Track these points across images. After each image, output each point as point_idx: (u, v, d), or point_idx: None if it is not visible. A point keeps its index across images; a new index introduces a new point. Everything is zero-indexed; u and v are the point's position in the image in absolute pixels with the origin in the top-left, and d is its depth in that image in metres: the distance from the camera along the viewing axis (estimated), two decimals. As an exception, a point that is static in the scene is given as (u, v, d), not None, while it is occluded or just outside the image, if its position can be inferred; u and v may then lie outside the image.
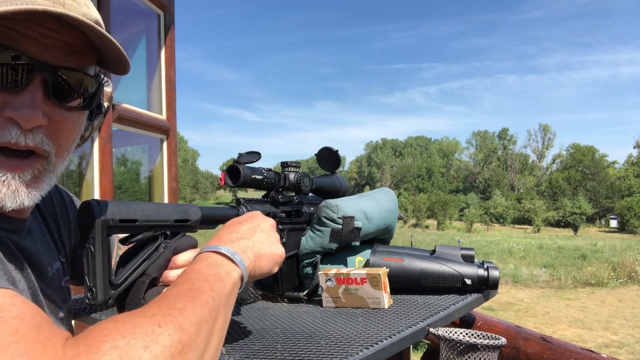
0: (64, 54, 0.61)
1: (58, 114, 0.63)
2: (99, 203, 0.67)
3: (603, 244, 26.89)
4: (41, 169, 0.63)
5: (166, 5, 3.38)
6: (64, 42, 0.61)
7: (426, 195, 56.23)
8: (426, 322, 0.98)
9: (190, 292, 0.56)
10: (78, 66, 0.64)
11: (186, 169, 70.84)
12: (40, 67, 0.58)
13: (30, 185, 0.62)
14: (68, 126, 0.66)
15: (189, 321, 0.51)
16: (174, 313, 0.51)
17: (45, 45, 0.59)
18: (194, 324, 0.52)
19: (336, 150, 1.42)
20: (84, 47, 0.64)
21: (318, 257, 1.27)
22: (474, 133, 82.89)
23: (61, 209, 0.90)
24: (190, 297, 0.55)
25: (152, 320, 0.49)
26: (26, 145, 0.59)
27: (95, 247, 0.65)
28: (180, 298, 0.55)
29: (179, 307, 0.52)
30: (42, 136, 0.61)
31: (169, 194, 3.40)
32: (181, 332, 0.49)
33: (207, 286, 0.58)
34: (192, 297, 0.55)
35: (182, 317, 0.51)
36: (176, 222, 0.78)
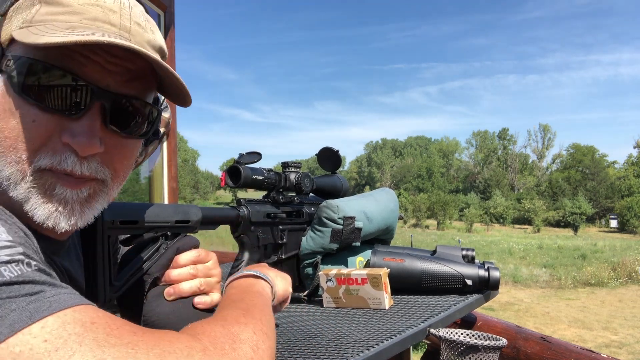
0: (125, 80, 0.60)
1: (115, 141, 0.62)
2: None
3: (603, 244, 26.89)
4: (97, 188, 0.62)
5: (166, 5, 3.38)
6: (127, 68, 0.60)
7: (426, 195, 56.22)
8: (427, 322, 0.98)
9: (256, 305, 0.67)
10: (138, 93, 0.63)
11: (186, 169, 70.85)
12: (100, 94, 0.58)
13: (85, 204, 0.60)
14: (124, 153, 0.64)
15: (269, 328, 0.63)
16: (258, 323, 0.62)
17: (108, 71, 0.58)
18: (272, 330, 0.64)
19: (336, 151, 1.42)
20: (146, 74, 0.63)
21: (319, 257, 1.27)
22: (474, 133, 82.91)
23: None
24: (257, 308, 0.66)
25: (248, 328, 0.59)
26: (82, 174, 0.58)
27: (97, 248, 0.65)
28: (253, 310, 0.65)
29: (258, 318, 0.63)
30: (98, 164, 0.60)
31: (169, 194, 3.40)
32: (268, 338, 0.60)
33: (261, 300, 0.71)
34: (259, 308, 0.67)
35: (265, 326, 0.62)
36: (177, 223, 0.78)
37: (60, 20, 0.56)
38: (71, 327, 0.46)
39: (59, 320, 0.46)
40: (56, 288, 0.49)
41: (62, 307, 0.47)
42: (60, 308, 0.47)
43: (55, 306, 0.47)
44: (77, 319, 0.47)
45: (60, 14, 0.56)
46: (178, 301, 0.74)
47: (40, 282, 0.48)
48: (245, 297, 0.69)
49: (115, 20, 0.59)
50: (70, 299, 0.49)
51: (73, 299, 0.49)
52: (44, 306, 0.46)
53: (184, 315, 0.74)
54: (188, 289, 0.75)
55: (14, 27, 0.57)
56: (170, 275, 0.76)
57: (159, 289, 0.75)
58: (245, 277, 0.77)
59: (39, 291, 0.47)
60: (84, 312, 0.48)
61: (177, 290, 0.75)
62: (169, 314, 0.72)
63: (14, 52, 0.57)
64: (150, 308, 0.73)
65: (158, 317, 0.72)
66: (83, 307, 0.49)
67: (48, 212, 0.57)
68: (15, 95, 0.55)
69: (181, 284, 0.76)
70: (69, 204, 0.58)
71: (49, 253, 0.64)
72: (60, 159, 0.56)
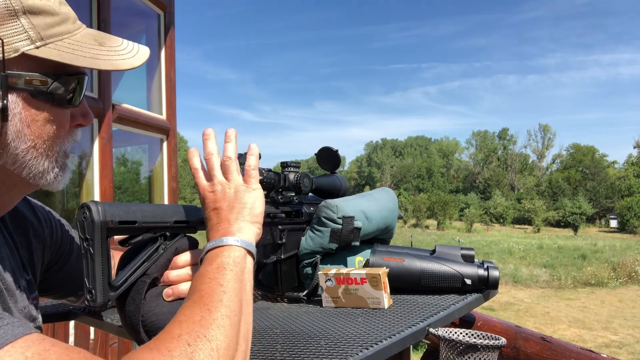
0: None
1: None
2: (98, 205, 0.67)
3: (603, 244, 26.89)
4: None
5: (166, 5, 3.38)
6: None
7: (426, 195, 56.23)
8: (426, 322, 0.98)
9: (202, 298, 0.61)
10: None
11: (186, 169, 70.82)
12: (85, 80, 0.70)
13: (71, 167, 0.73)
14: None
15: (212, 328, 0.57)
16: (196, 327, 0.56)
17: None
18: (218, 327, 0.58)
19: (336, 150, 1.42)
20: None
21: (318, 257, 1.27)
22: (474, 133, 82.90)
23: (34, 224, 0.86)
24: (203, 304, 0.60)
25: (181, 342, 0.54)
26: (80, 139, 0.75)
27: (95, 249, 0.65)
28: (195, 309, 0.60)
29: (198, 320, 0.57)
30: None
31: (169, 194, 3.40)
32: (210, 341, 0.55)
33: (214, 284, 0.64)
34: (205, 303, 0.60)
35: (204, 327, 0.56)
36: (176, 224, 0.78)
37: (65, 32, 0.64)
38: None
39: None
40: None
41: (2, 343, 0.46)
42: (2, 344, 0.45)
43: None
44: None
45: (57, 25, 0.64)
46: (177, 302, 0.74)
47: None
48: (196, 287, 0.64)
49: (71, 10, 0.69)
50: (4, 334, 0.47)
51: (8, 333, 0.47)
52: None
53: (183, 315, 0.74)
54: (187, 290, 0.75)
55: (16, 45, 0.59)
56: (169, 276, 0.76)
57: (157, 289, 0.75)
58: (209, 252, 0.71)
59: None
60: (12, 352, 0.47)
61: (176, 291, 0.75)
62: (168, 314, 0.72)
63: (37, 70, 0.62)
64: (148, 308, 0.73)
65: (157, 317, 0.72)
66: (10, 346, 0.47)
67: (67, 177, 0.72)
68: (54, 106, 0.65)
69: (180, 284, 0.76)
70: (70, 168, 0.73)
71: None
72: (74, 137, 0.72)
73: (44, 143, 0.65)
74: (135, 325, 0.72)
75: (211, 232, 0.75)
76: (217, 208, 0.76)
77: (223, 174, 0.78)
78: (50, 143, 0.66)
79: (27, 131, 0.63)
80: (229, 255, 0.69)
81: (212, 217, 0.76)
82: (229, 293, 0.63)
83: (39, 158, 0.65)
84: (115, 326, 1.05)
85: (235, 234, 0.72)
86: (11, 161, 0.64)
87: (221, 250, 0.70)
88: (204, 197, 0.78)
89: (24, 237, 0.83)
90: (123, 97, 3.09)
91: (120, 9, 3.05)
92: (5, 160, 0.63)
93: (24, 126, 0.62)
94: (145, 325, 0.72)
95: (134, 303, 0.72)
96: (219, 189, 0.77)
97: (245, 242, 0.72)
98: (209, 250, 0.71)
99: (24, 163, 0.64)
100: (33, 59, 0.61)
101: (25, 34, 0.60)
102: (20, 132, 0.62)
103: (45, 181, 0.68)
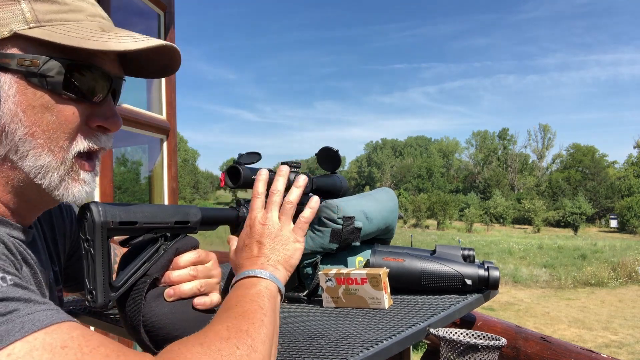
0: (117, 65, 0.70)
1: None
2: (98, 205, 0.67)
3: (603, 244, 26.89)
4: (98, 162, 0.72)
5: (166, 5, 3.39)
6: (116, 54, 0.69)
7: (426, 195, 56.23)
8: (426, 322, 0.98)
9: (246, 314, 0.65)
10: (123, 73, 0.72)
11: (186, 169, 70.87)
12: (113, 81, 0.68)
13: (95, 176, 0.70)
14: None
15: (257, 341, 0.61)
16: (244, 336, 0.60)
17: (112, 59, 0.68)
18: (261, 342, 0.61)
19: (336, 150, 1.42)
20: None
21: (318, 257, 1.27)
22: (474, 133, 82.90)
23: (57, 214, 0.88)
24: (247, 318, 0.64)
25: (230, 343, 0.57)
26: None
27: (95, 249, 0.65)
28: (241, 321, 0.63)
29: (245, 329, 0.61)
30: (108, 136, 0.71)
31: (169, 194, 3.40)
32: (254, 350, 0.59)
33: (255, 305, 0.68)
34: (249, 318, 0.64)
35: (252, 338, 0.60)
36: (176, 224, 0.78)
37: (71, 19, 0.62)
38: (39, 353, 0.45)
39: (27, 345, 0.45)
40: (31, 305, 0.49)
41: (34, 329, 0.46)
42: (33, 330, 0.46)
43: (28, 327, 0.46)
44: (47, 343, 0.46)
45: (64, 12, 0.62)
46: (178, 302, 0.74)
47: (15, 299, 0.48)
48: (239, 303, 0.68)
49: (101, 11, 0.68)
50: (45, 318, 0.48)
51: (48, 318, 0.48)
52: (16, 328, 0.45)
53: (184, 316, 0.74)
54: (188, 290, 0.75)
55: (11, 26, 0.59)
56: (171, 277, 0.76)
57: (158, 289, 0.74)
58: (246, 278, 0.76)
59: (12, 310, 0.46)
60: (57, 333, 0.48)
61: (177, 291, 0.75)
62: (169, 314, 0.72)
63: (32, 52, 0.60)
64: (149, 309, 0.72)
65: (158, 317, 0.72)
66: (57, 326, 0.48)
67: (78, 191, 0.67)
68: (50, 92, 0.61)
69: (181, 285, 0.76)
70: (89, 184, 0.69)
71: (18, 241, 0.67)
72: (94, 140, 0.67)
73: (43, 133, 0.61)
74: (135, 325, 0.72)
75: (248, 261, 0.79)
76: (261, 242, 0.80)
77: (280, 214, 0.83)
78: (51, 135, 0.62)
79: (23, 117, 0.60)
80: (266, 287, 0.73)
81: (254, 248, 0.80)
82: (268, 317, 0.67)
83: (39, 149, 0.61)
84: (116, 326, 1.05)
85: (272, 271, 0.77)
86: (12, 150, 0.61)
87: (258, 280, 0.74)
88: (252, 225, 0.82)
89: (50, 229, 0.85)
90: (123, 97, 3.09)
91: (120, 9, 3.05)
92: (7, 149, 0.61)
93: (18, 110, 0.60)
94: (146, 326, 0.72)
95: (135, 303, 0.72)
96: (270, 226, 0.81)
97: (280, 282, 0.77)
98: (247, 277, 0.75)
99: (23, 153, 0.61)
100: (28, 41, 0.60)
101: (22, 17, 0.59)
102: (15, 115, 0.60)
103: (48, 182, 0.63)
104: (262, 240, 0.80)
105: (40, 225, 0.82)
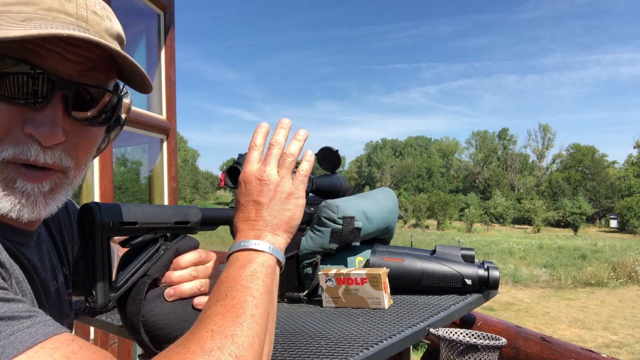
0: (86, 70, 0.61)
1: (78, 130, 0.63)
2: (99, 206, 0.67)
3: (603, 244, 26.88)
4: (58, 181, 0.63)
5: (166, 5, 3.39)
6: (87, 57, 0.60)
7: (426, 195, 56.21)
8: (426, 322, 0.98)
9: (234, 308, 0.58)
10: (99, 82, 0.63)
11: (186, 169, 70.85)
12: (61, 84, 0.58)
13: (48, 196, 0.62)
14: (87, 141, 0.65)
15: (243, 348, 0.54)
16: (228, 343, 0.54)
17: (68, 60, 0.59)
18: (250, 347, 0.55)
19: (336, 150, 1.42)
20: (106, 62, 0.63)
21: (318, 257, 1.27)
22: (474, 133, 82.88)
23: (65, 219, 0.88)
24: (235, 316, 0.57)
25: (212, 357, 0.52)
26: (44, 162, 0.59)
27: (96, 250, 0.65)
28: (227, 321, 0.57)
29: (230, 334, 0.55)
30: (61, 152, 0.61)
31: (169, 194, 3.40)
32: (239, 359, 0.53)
33: (247, 294, 0.60)
34: (237, 315, 0.57)
35: (236, 346, 0.54)
36: (176, 224, 0.78)
37: (14, 11, 0.56)
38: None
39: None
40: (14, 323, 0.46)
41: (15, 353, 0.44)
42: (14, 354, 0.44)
43: (9, 352, 0.44)
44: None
45: (14, 4, 0.56)
46: (178, 302, 0.75)
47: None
48: (229, 293, 0.61)
49: (71, 9, 0.60)
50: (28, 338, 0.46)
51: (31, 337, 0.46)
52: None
53: (184, 315, 0.74)
54: (189, 290, 0.75)
55: None
56: (171, 277, 0.76)
57: (158, 290, 0.75)
58: (242, 251, 0.67)
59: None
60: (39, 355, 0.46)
61: (177, 291, 0.75)
62: (169, 315, 0.73)
63: None
64: (149, 309, 0.73)
65: (158, 317, 0.72)
66: (40, 346, 0.46)
67: (11, 204, 0.58)
68: None
69: (181, 284, 0.76)
70: (31, 197, 0.59)
71: (15, 244, 0.65)
72: (23, 149, 0.57)
73: None
74: (135, 325, 0.72)
75: (245, 224, 0.70)
76: (259, 202, 0.70)
77: (279, 168, 0.73)
78: None
79: None
80: (263, 263, 0.65)
81: (250, 209, 0.70)
82: (260, 308, 0.60)
83: None
84: (116, 326, 1.05)
85: (271, 241, 0.68)
86: None
87: (254, 255, 0.66)
88: (249, 181, 0.71)
89: (59, 233, 0.84)
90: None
91: (120, 9, 3.05)
92: None
93: None
94: (146, 326, 0.72)
95: (135, 304, 0.72)
96: (269, 182, 0.71)
97: (278, 252, 0.68)
98: (241, 250, 0.67)
99: None
100: None
101: None
102: None
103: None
104: (260, 199, 0.70)
105: (49, 228, 0.81)
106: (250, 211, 0.70)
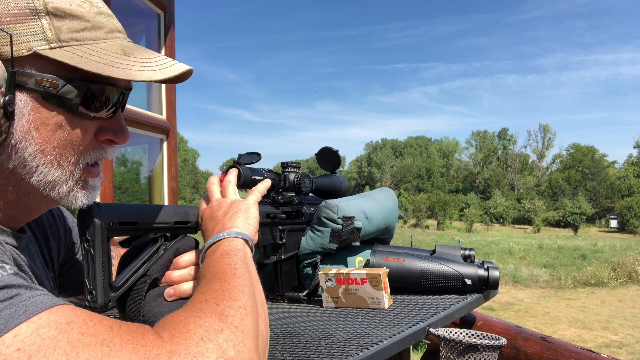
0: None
1: None
2: (99, 206, 0.67)
3: (603, 244, 26.87)
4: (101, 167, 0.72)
5: (166, 5, 3.39)
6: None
7: (426, 195, 56.19)
8: (426, 322, 0.98)
9: (216, 275, 0.65)
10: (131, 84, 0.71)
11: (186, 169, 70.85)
12: (125, 93, 0.68)
13: (96, 188, 0.70)
14: None
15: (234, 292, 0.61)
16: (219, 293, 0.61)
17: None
18: (240, 291, 0.62)
19: (336, 150, 1.42)
20: None
21: (318, 257, 1.27)
22: (474, 133, 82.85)
23: (49, 220, 0.88)
24: (218, 278, 0.64)
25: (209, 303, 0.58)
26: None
27: (96, 250, 0.65)
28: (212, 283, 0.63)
29: (218, 288, 0.62)
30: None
31: (169, 194, 3.40)
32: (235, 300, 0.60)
33: (223, 264, 0.68)
34: (219, 278, 0.65)
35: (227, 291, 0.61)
36: (176, 224, 0.78)
37: (92, 38, 0.62)
38: (45, 330, 0.46)
39: (32, 325, 0.46)
40: (31, 290, 0.50)
41: (38, 310, 0.47)
42: (36, 311, 0.47)
43: (32, 309, 0.47)
44: (52, 321, 0.47)
45: (85, 30, 0.61)
46: (178, 301, 0.75)
47: (17, 286, 0.49)
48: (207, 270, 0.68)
49: (117, 25, 0.67)
50: (46, 301, 0.49)
51: (49, 301, 0.49)
52: (20, 311, 0.46)
53: (184, 315, 0.74)
54: (188, 290, 0.76)
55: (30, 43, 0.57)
56: (172, 277, 0.76)
57: (158, 289, 0.75)
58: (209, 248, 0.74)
59: (14, 295, 0.48)
60: (60, 312, 0.49)
61: (177, 291, 0.75)
62: (169, 314, 0.73)
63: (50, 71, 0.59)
64: (149, 308, 0.73)
65: (158, 317, 0.72)
66: (59, 307, 0.49)
67: (86, 197, 0.67)
68: (65, 112, 0.61)
69: (182, 284, 0.76)
70: (95, 189, 0.69)
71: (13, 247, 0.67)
72: (101, 153, 0.67)
73: (53, 149, 0.61)
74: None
75: (207, 234, 0.79)
76: (213, 217, 0.81)
77: (221, 193, 0.89)
78: (61, 151, 0.62)
79: (36, 134, 0.60)
80: (229, 244, 0.73)
81: (209, 226, 0.80)
82: (240, 269, 0.67)
83: (48, 165, 0.61)
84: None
85: (231, 229, 0.76)
86: (21, 165, 0.61)
87: (220, 243, 0.74)
88: (202, 214, 0.84)
89: (43, 236, 0.84)
90: (123, 97, 3.08)
91: (120, 9, 3.05)
92: (15, 163, 0.61)
93: (32, 128, 0.59)
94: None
95: (135, 303, 0.72)
96: (215, 204, 0.85)
97: (241, 233, 0.76)
98: (209, 247, 0.74)
99: (32, 168, 0.61)
100: (48, 60, 0.58)
101: (42, 35, 0.58)
102: (28, 133, 0.59)
103: (57, 194, 0.64)
104: (213, 215, 0.82)
105: (32, 230, 0.81)
106: (208, 227, 0.81)
